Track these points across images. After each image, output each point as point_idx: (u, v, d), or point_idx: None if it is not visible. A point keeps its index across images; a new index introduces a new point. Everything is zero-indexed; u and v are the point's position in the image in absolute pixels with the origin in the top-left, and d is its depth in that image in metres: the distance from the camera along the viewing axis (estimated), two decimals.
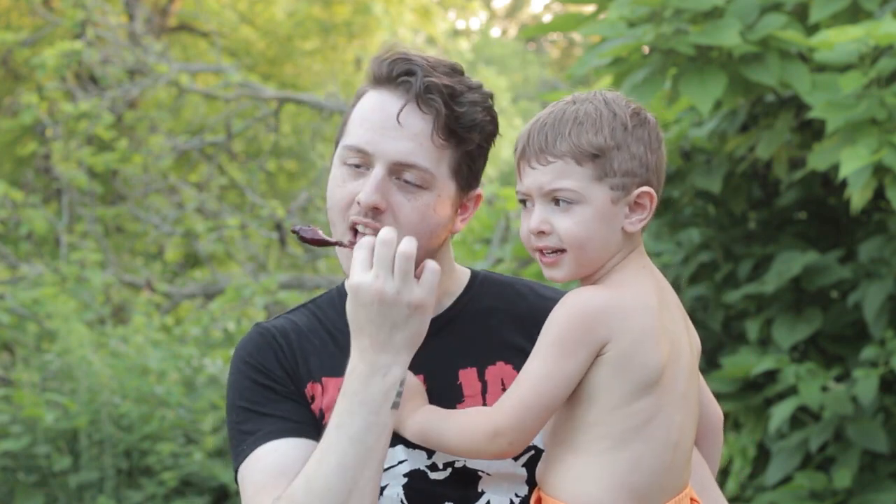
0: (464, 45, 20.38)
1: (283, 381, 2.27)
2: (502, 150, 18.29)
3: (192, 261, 13.40)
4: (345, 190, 2.25)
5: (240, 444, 2.24)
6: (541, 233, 2.17)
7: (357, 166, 2.24)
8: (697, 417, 2.22)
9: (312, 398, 2.27)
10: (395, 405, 2.13)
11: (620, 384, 2.11)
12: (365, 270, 2.11)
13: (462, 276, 2.40)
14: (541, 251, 2.18)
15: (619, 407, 2.11)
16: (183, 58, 14.61)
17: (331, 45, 14.69)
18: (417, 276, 2.13)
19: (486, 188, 7.37)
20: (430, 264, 2.14)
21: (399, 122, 2.22)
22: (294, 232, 2.23)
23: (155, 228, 11.75)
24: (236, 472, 2.25)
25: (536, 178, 2.16)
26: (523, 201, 2.20)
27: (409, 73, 2.23)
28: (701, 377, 2.30)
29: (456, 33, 23.56)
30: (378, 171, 2.22)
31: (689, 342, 2.21)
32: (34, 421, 8.22)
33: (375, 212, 2.22)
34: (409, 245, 2.12)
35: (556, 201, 2.15)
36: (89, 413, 8.33)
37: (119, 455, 8.35)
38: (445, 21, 19.49)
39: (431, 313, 2.14)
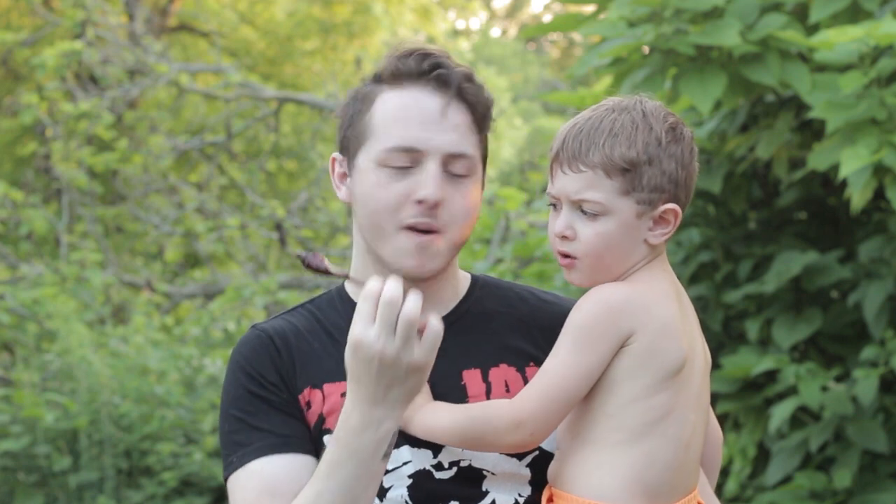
0: (464, 45, 20.39)
1: (278, 387, 2.26)
2: (502, 150, 18.31)
3: (192, 261, 13.40)
4: (391, 191, 2.22)
5: (230, 455, 2.25)
6: (564, 237, 2.19)
7: (402, 167, 2.22)
8: (707, 422, 2.24)
9: (309, 404, 2.26)
10: (387, 455, 2.12)
11: (643, 375, 2.13)
12: (367, 325, 2.06)
13: (463, 279, 2.40)
14: (562, 254, 2.21)
15: (638, 399, 2.13)
16: (183, 58, 14.61)
17: (331, 45, 14.70)
18: (420, 332, 2.08)
19: (485, 188, 7.36)
20: (434, 325, 2.09)
21: (444, 115, 2.23)
22: (299, 258, 2.17)
23: (155, 228, 11.76)
24: (226, 479, 2.26)
25: (566, 184, 2.18)
26: (553, 204, 2.23)
27: (440, 65, 2.24)
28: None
29: (456, 33, 23.58)
30: (434, 167, 2.22)
31: (702, 347, 2.24)
32: (34, 421, 8.22)
33: (435, 208, 2.22)
34: (413, 306, 2.06)
35: (582, 209, 2.18)
36: (89, 413, 8.34)
37: (119, 455, 8.35)
38: (445, 21, 19.49)
39: (430, 371, 2.11)
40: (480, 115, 2.27)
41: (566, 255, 2.21)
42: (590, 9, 5.27)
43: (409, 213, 2.22)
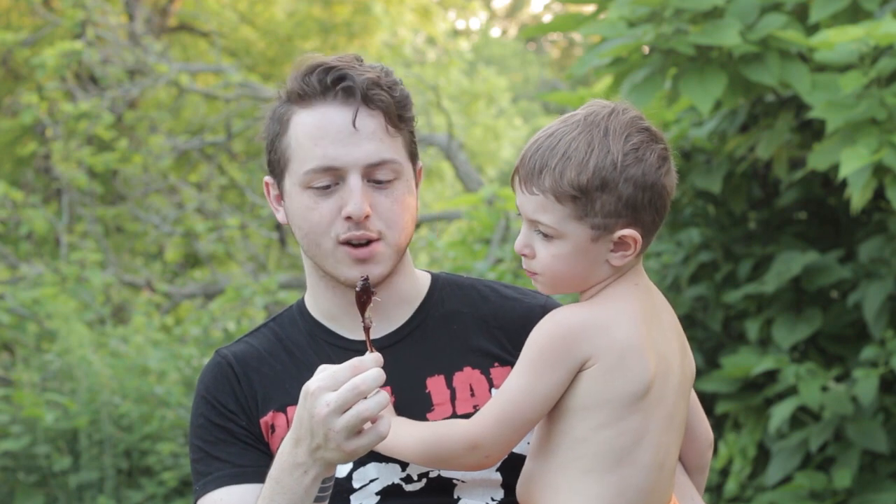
0: (464, 45, 20.38)
1: (237, 415, 2.29)
2: (502, 150, 18.31)
3: (192, 261, 13.40)
4: (319, 212, 2.23)
5: (196, 482, 2.31)
6: (524, 254, 2.17)
7: (326, 186, 2.22)
8: (682, 437, 2.21)
9: (273, 428, 2.28)
10: (320, 499, 2.12)
11: (608, 399, 2.10)
12: (327, 389, 2.04)
13: (423, 280, 2.39)
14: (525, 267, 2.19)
15: (607, 425, 2.10)
16: (183, 58, 14.60)
17: (331, 45, 14.69)
18: (373, 421, 2.06)
19: (485, 188, 7.36)
20: (381, 430, 2.06)
21: (355, 127, 2.22)
22: (363, 279, 2.14)
23: (155, 228, 11.75)
24: None
25: (522, 202, 2.16)
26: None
27: (343, 77, 2.23)
28: (695, 396, 2.28)
29: (456, 33, 23.57)
30: (356, 181, 2.21)
31: (681, 364, 2.19)
32: (34, 421, 8.21)
33: (365, 220, 2.21)
34: (372, 406, 2.04)
35: (537, 229, 2.15)
36: (89, 413, 8.33)
37: (119, 455, 8.35)
38: (445, 21, 19.49)
39: (356, 456, 2.09)
40: (396, 116, 2.25)
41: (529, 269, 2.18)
42: (590, 9, 5.27)
43: (342, 228, 2.22)
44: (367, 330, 2.12)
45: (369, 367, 2.05)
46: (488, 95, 18.00)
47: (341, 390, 2.02)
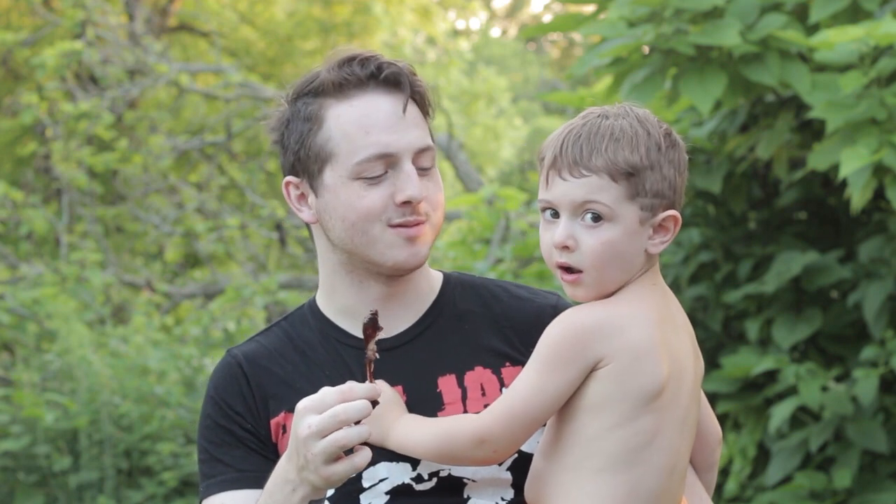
0: (464, 45, 20.39)
1: (244, 417, 2.28)
2: (502, 150, 18.32)
3: (192, 261, 13.39)
4: (370, 199, 2.22)
5: (201, 482, 2.31)
6: (565, 248, 2.14)
7: (377, 175, 2.22)
8: (694, 440, 2.21)
9: (284, 428, 2.27)
10: None
11: (620, 399, 2.09)
12: (314, 411, 2.06)
13: (435, 279, 2.38)
14: (563, 269, 2.15)
15: (619, 425, 2.09)
16: (183, 58, 14.60)
17: (331, 45, 14.68)
18: (351, 451, 2.06)
19: (485, 188, 7.36)
20: (357, 460, 2.07)
21: (404, 113, 2.24)
22: (372, 313, 2.12)
23: (155, 228, 11.75)
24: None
25: (567, 190, 2.13)
26: (546, 210, 2.16)
27: (386, 65, 2.25)
28: (703, 394, 2.28)
29: (456, 33, 23.57)
30: (409, 166, 2.23)
31: (693, 366, 2.20)
32: (34, 421, 8.21)
33: (419, 204, 2.23)
34: (354, 435, 2.04)
35: (584, 217, 2.12)
36: (89, 413, 8.33)
37: (119, 455, 8.35)
38: (445, 21, 19.50)
39: (337, 483, 2.10)
40: (427, 105, 2.28)
41: (568, 269, 2.15)
42: (590, 9, 5.27)
43: (395, 214, 2.23)
44: (369, 362, 2.11)
45: (358, 396, 2.04)
46: (488, 95, 18.01)
47: (323, 415, 2.03)
